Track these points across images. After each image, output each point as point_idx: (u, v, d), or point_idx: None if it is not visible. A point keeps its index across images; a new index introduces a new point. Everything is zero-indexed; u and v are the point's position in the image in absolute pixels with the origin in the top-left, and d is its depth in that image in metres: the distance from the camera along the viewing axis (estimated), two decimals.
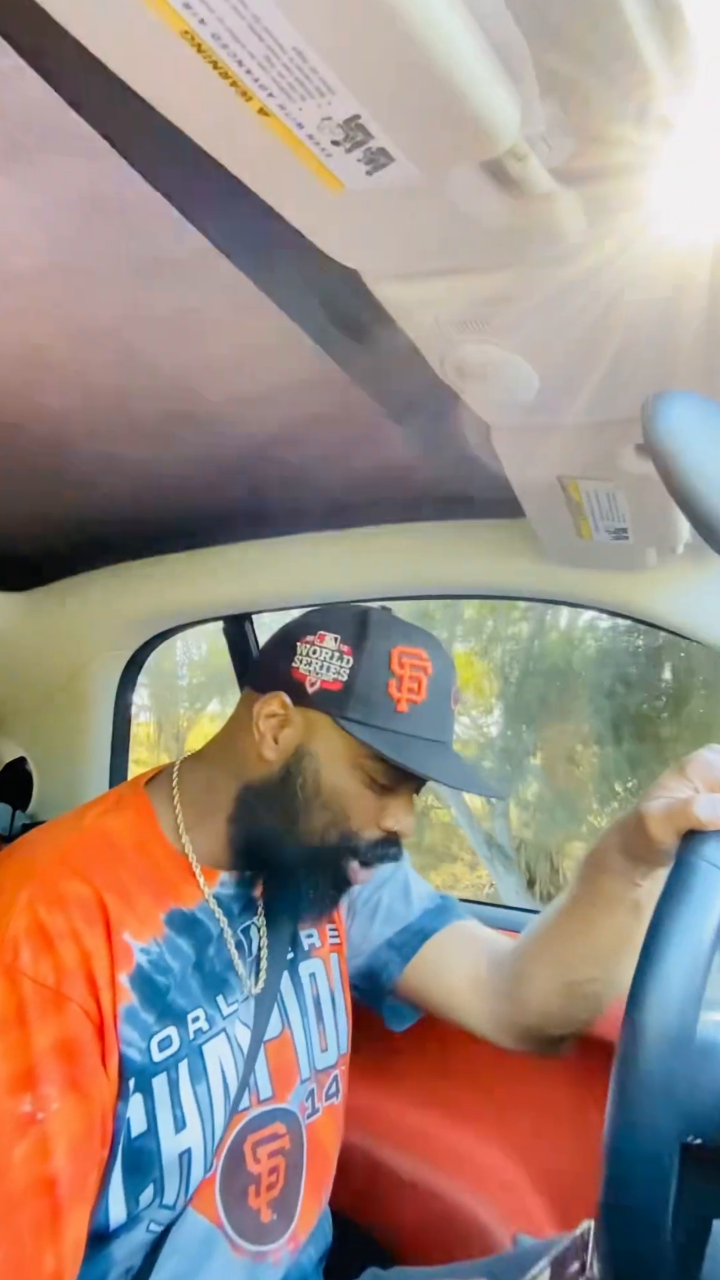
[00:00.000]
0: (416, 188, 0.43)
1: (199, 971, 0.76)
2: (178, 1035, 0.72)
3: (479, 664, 8.14)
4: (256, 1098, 0.78)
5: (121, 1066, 0.68)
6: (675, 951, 0.51)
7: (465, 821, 9.13)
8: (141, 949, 0.72)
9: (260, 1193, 0.77)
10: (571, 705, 7.27)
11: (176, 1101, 0.70)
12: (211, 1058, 0.74)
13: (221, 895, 0.81)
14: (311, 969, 0.87)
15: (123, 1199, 0.67)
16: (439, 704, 0.80)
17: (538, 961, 0.85)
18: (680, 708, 6.50)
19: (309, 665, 0.79)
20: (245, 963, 0.81)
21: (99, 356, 0.76)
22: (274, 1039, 0.81)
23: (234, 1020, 0.77)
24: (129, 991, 0.69)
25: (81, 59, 0.38)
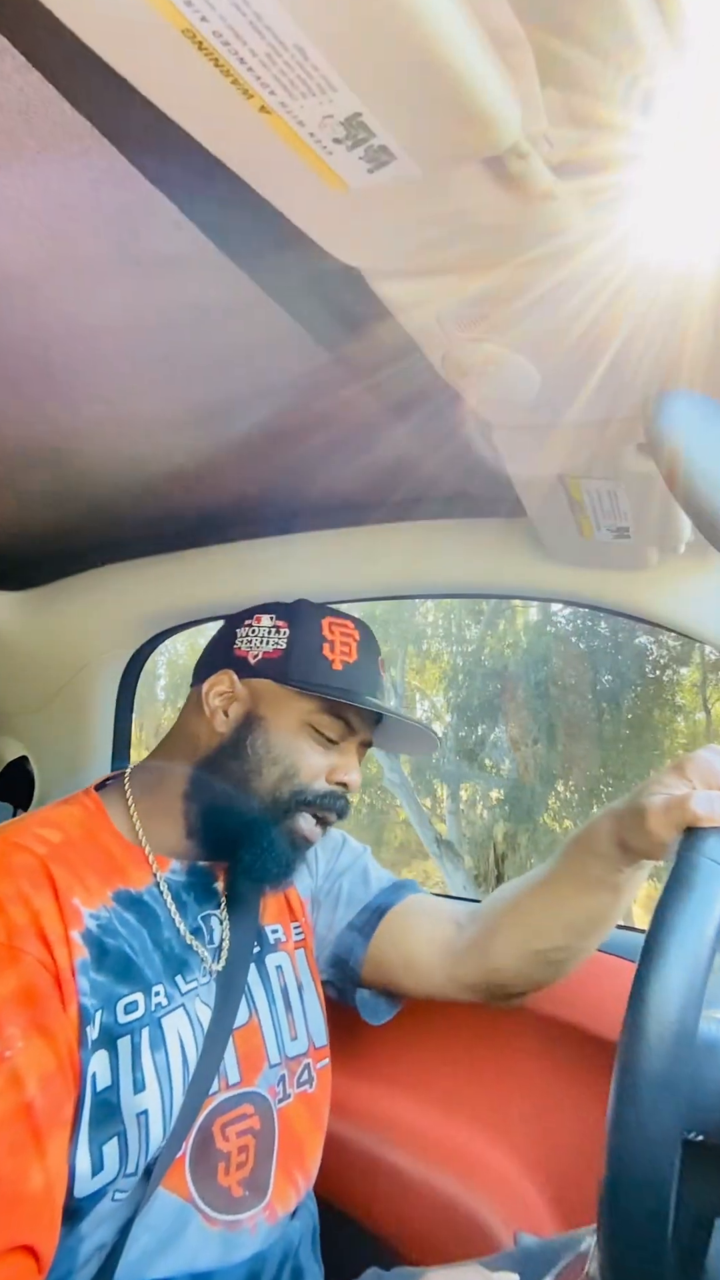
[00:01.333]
0: (418, 185, 0.43)
1: (159, 949, 0.80)
2: (143, 1003, 0.76)
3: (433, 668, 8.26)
4: (225, 1083, 0.81)
5: (81, 1015, 0.71)
6: (677, 948, 0.51)
7: (417, 820, 9.22)
8: (90, 914, 0.76)
9: (230, 1170, 0.79)
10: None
11: (138, 1065, 0.74)
12: (170, 1030, 0.77)
13: (172, 881, 0.84)
14: (278, 961, 0.91)
15: (88, 1149, 0.70)
16: (369, 666, 0.89)
17: (508, 926, 0.89)
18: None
19: (249, 643, 0.89)
20: (205, 948, 0.84)
21: (99, 354, 0.76)
22: (241, 1027, 0.84)
23: (193, 998, 0.81)
24: (82, 946, 0.74)
25: (83, 57, 0.38)
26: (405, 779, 9.58)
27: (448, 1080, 1.16)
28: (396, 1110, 1.17)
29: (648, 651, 8.77)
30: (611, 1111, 0.48)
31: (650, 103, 0.38)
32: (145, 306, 0.68)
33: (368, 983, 0.97)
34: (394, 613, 9.72)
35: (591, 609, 1.17)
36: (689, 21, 0.35)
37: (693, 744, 8.71)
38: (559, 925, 0.85)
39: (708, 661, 8.60)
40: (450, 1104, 1.15)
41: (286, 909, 0.96)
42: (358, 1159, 1.15)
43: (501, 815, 9.22)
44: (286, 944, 0.93)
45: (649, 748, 8.66)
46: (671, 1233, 0.47)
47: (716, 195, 0.44)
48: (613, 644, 8.78)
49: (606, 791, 8.70)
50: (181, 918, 0.83)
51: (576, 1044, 1.04)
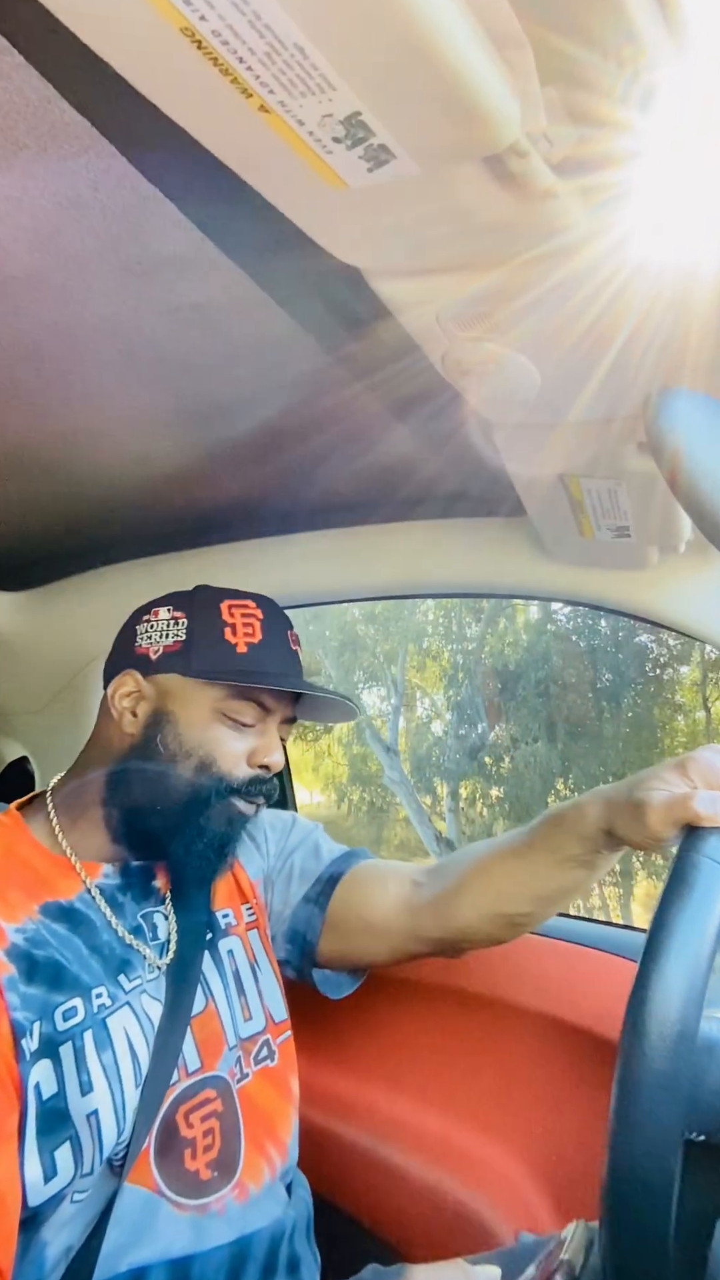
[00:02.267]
0: (417, 184, 0.43)
1: (96, 953, 0.80)
2: (82, 1007, 0.76)
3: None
4: (185, 1070, 0.81)
5: (14, 1030, 0.71)
6: (678, 948, 0.51)
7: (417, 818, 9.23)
8: (15, 929, 0.75)
9: (197, 1155, 0.80)
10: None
11: (83, 1068, 0.74)
12: (116, 1029, 0.77)
13: (104, 885, 0.84)
14: (230, 946, 0.91)
15: (38, 1157, 0.70)
16: (276, 643, 0.86)
17: (476, 888, 0.89)
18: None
19: (149, 639, 0.87)
20: (150, 946, 0.84)
21: (99, 354, 0.76)
22: (199, 1014, 0.84)
23: (139, 994, 0.80)
24: (7, 964, 0.73)
25: (82, 56, 0.38)
26: (405, 777, 9.58)
27: (449, 1080, 1.16)
28: (397, 1109, 1.17)
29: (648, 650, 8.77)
30: (613, 1111, 0.48)
31: (650, 100, 0.38)
32: (145, 306, 0.67)
33: (328, 953, 0.96)
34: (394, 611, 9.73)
35: (592, 608, 1.17)
36: (689, 18, 0.35)
37: (693, 742, 8.72)
38: (527, 894, 0.86)
39: (708, 660, 8.60)
40: (451, 1103, 1.15)
41: (237, 891, 0.96)
42: (358, 1157, 1.15)
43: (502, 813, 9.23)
44: (238, 927, 0.93)
45: (649, 746, 8.66)
46: (674, 1233, 0.47)
47: (717, 193, 0.44)
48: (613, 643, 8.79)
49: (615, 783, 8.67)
50: (118, 919, 0.83)
51: (577, 1043, 1.04)
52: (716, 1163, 0.51)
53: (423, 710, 10.11)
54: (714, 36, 0.36)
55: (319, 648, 9.82)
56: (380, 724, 10.09)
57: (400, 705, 10.01)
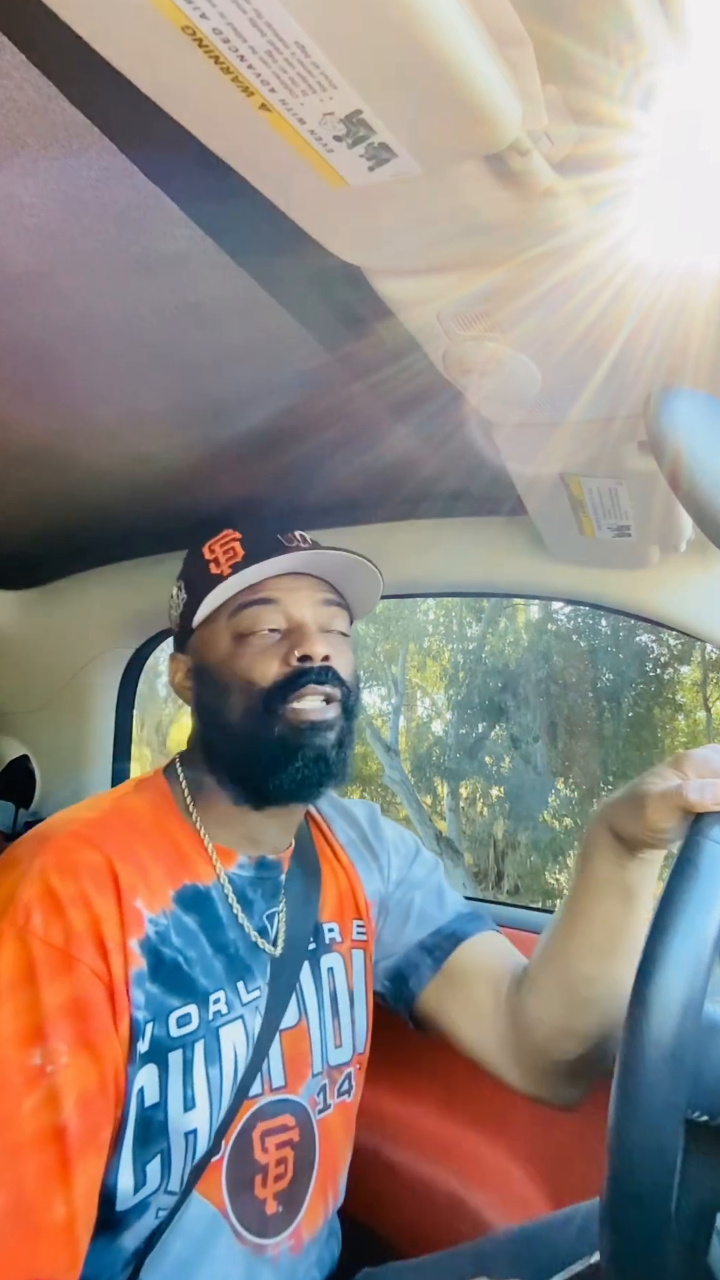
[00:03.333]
0: (418, 183, 0.43)
1: (222, 954, 0.77)
2: (197, 1015, 0.73)
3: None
4: (269, 1085, 0.78)
5: (132, 1029, 0.69)
6: (682, 928, 0.52)
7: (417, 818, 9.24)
8: (151, 919, 0.73)
9: (267, 1183, 0.77)
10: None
11: (189, 1080, 0.71)
12: (227, 1042, 0.75)
13: (236, 878, 0.82)
14: (331, 963, 0.87)
15: (131, 1168, 0.68)
16: (263, 547, 0.84)
17: (541, 965, 0.85)
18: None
19: (172, 618, 0.91)
20: (271, 948, 0.81)
21: (100, 353, 0.76)
22: (290, 1028, 0.81)
23: (252, 1008, 0.78)
24: (139, 956, 0.71)
25: (83, 55, 0.38)
26: (405, 776, 9.58)
27: (448, 1078, 1.16)
28: (397, 1109, 1.17)
29: (648, 650, 8.77)
30: (615, 1089, 0.49)
31: (651, 98, 0.38)
32: (146, 305, 0.67)
33: (420, 1011, 0.91)
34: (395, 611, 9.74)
35: (593, 607, 1.17)
36: (690, 16, 0.35)
37: (693, 742, 8.71)
38: (580, 946, 0.81)
39: (708, 660, 8.60)
40: (451, 1103, 1.15)
41: (351, 904, 0.91)
42: (358, 1157, 1.15)
43: (502, 813, 9.23)
44: (343, 944, 0.89)
45: (649, 745, 8.66)
46: (675, 1213, 0.47)
47: (718, 192, 0.44)
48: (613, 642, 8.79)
49: (607, 789, 8.70)
50: (247, 917, 0.80)
51: None
52: (718, 1144, 0.51)
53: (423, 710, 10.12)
54: (715, 35, 0.36)
55: None
56: (381, 724, 10.09)
57: (401, 705, 10.01)
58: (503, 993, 0.88)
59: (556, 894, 8.93)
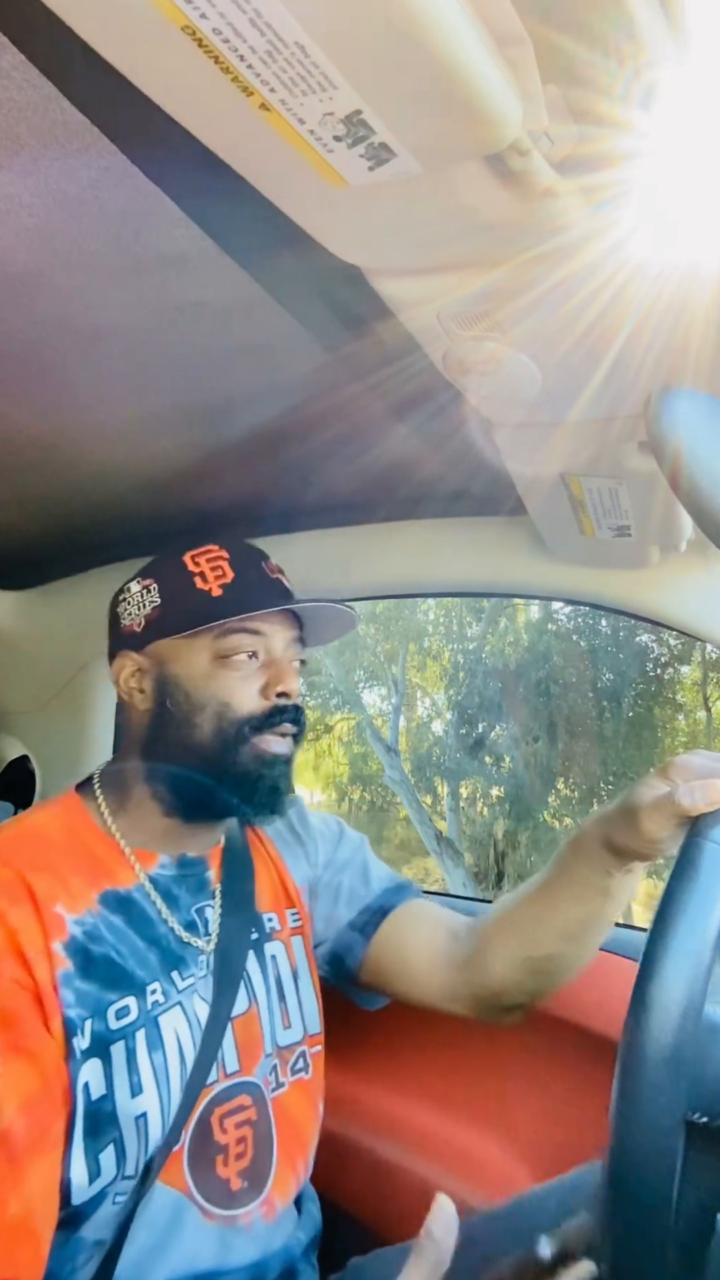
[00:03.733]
0: (418, 183, 0.43)
1: (154, 946, 0.79)
2: (136, 1006, 0.76)
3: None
4: (223, 1072, 0.80)
5: (66, 1028, 0.71)
6: (683, 928, 0.52)
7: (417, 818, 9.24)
8: (75, 920, 0.75)
9: (229, 1162, 0.79)
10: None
11: (133, 1068, 0.73)
12: (168, 1029, 0.77)
13: (160, 877, 0.84)
14: (273, 950, 0.90)
15: (83, 1159, 0.70)
16: (251, 575, 0.86)
17: (504, 935, 0.88)
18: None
19: (129, 615, 0.87)
20: (201, 941, 0.83)
21: (100, 353, 0.76)
22: (240, 1015, 0.83)
23: (191, 994, 0.80)
24: (64, 958, 0.73)
25: (83, 55, 0.38)
26: (405, 776, 9.58)
27: (448, 1078, 1.16)
28: (397, 1108, 1.17)
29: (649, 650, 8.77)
30: (616, 1090, 0.49)
31: (652, 98, 0.38)
32: (145, 305, 0.67)
33: (364, 981, 0.96)
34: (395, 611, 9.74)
35: (593, 607, 1.17)
36: (691, 16, 0.35)
37: (693, 742, 8.72)
38: (551, 932, 0.84)
39: (709, 660, 8.60)
40: (451, 1102, 1.15)
41: (283, 895, 0.95)
42: (357, 1156, 1.15)
43: (502, 813, 9.24)
44: (282, 932, 0.92)
45: (649, 746, 8.66)
46: (674, 1214, 0.47)
47: (719, 191, 0.44)
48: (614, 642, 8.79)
49: (607, 789, 8.70)
50: (172, 913, 0.82)
51: (578, 1043, 1.04)
52: (718, 1145, 0.51)
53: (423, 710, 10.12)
54: (716, 35, 0.36)
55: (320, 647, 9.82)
56: (381, 723, 10.09)
57: (401, 705, 10.01)
58: (439, 949, 0.92)
59: None
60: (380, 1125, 1.15)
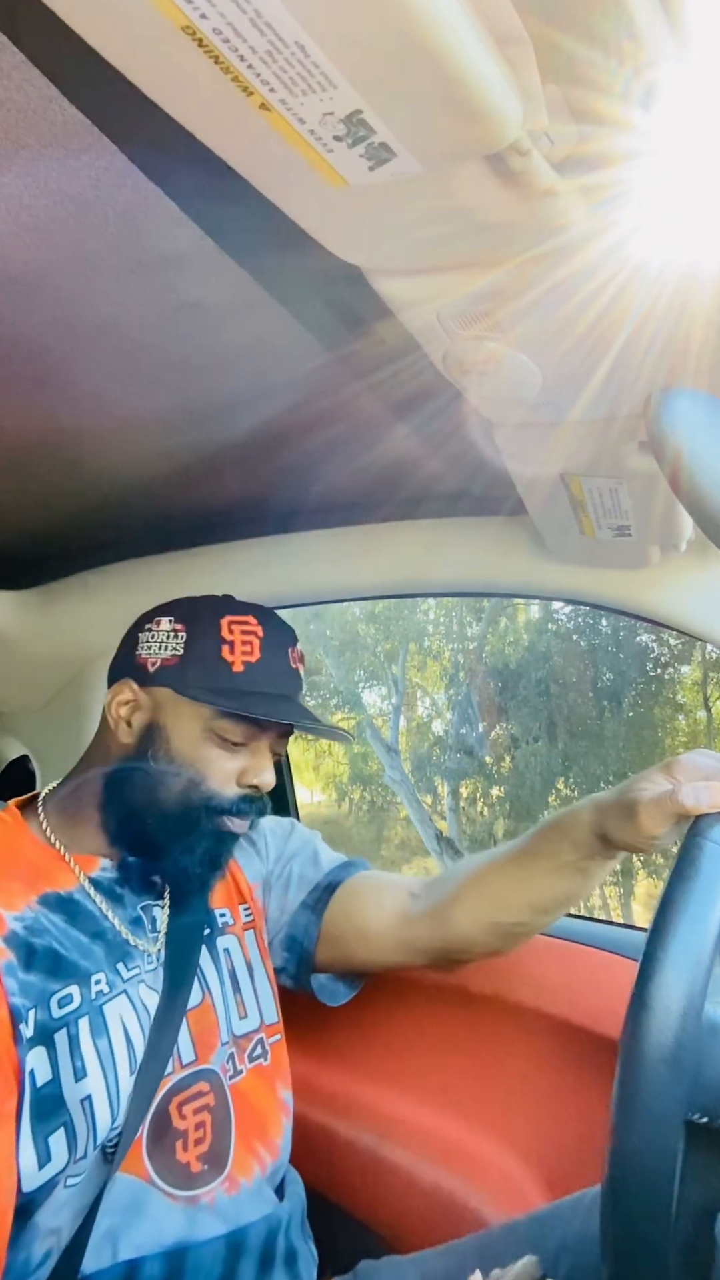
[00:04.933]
0: (418, 183, 0.43)
1: (99, 940, 0.81)
2: (79, 994, 0.77)
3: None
4: (179, 1063, 0.82)
5: (12, 1014, 0.72)
6: (683, 929, 0.52)
7: (417, 817, 9.25)
8: (14, 916, 0.77)
9: (189, 1147, 0.80)
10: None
11: (77, 1054, 0.75)
12: (113, 1016, 0.78)
13: (101, 879, 0.85)
14: (226, 944, 0.92)
15: (32, 1144, 0.71)
16: (275, 662, 0.86)
17: (472, 897, 0.91)
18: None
19: (148, 649, 0.87)
20: (145, 938, 0.85)
21: (100, 353, 0.76)
22: (195, 1008, 0.85)
23: (136, 984, 0.81)
24: (5, 950, 0.74)
25: (84, 55, 0.38)
26: (406, 776, 9.58)
27: (448, 1078, 1.16)
28: (396, 1107, 1.17)
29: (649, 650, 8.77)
30: (616, 1089, 0.49)
31: (652, 98, 0.38)
32: (145, 305, 0.67)
33: (324, 960, 0.98)
34: (395, 611, 9.74)
35: (593, 607, 1.17)
36: (691, 16, 0.35)
37: (693, 742, 8.71)
38: (523, 902, 0.87)
39: (709, 660, 8.60)
40: (450, 1101, 1.15)
41: (235, 891, 0.97)
42: (357, 1155, 1.15)
43: (502, 813, 9.23)
44: (235, 927, 0.94)
45: (650, 745, 8.66)
46: (674, 1214, 0.47)
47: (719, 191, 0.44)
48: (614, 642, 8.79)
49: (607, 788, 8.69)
50: (115, 912, 0.84)
51: (577, 1041, 1.04)
52: (718, 1145, 0.51)
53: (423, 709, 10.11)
54: (716, 35, 0.36)
55: (320, 647, 9.82)
56: (381, 723, 10.09)
57: (401, 704, 10.01)
58: (396, 907, 0.95)
59: None
60: (381, 1125, 1.15)
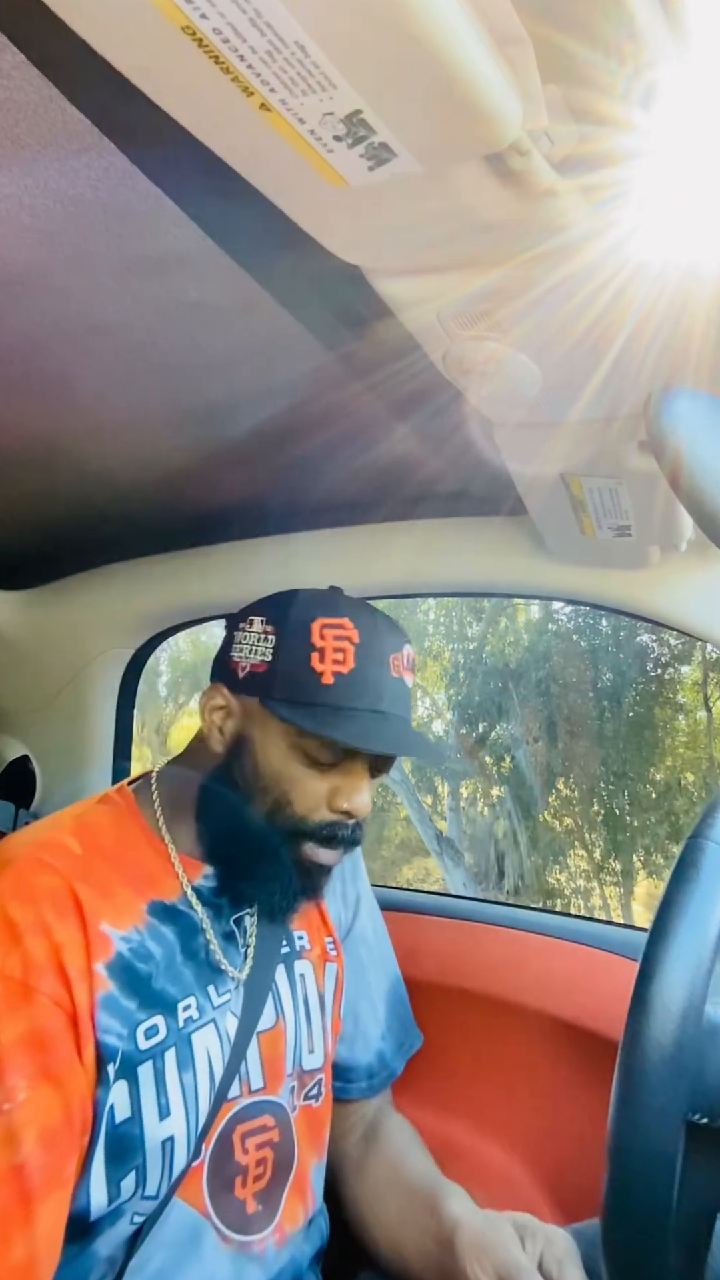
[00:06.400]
0: (418, 183, 0.43)
1: (191, 960, 0.76)
2: (164, 1024, 0.72)
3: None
4: (247, 1087, 0.78)
5: (100, 1053, 0.67)
6: (683, 929, 0.52)
7: (417, 817, 9.25)
8: (121, 937, 0.72)
9: (247, 1184, 0.77)
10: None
11: (162, 1090, 0.70)
12: (199, 1047, 0.74)
13: (203, 888, 0.80)
14: (303, 969, 0.87)
15: (104, 1185, 0.67)
16: (371, 671, 0.77)
17: (374, 1201, 0.89)
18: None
19: (240, 651, 0.80)
20: (237, 953, 0.81)
21: (99, 353, 0.76)
22: (268, 1030, 0.81)
23: (224, 1011, 0.77)
24: (107, 980, 0.69)
25: (83, 55, 0.38)
26: (406, 776, 9.58)
27: (449, 1079, 1.16)
28: (397, 1108, 1.17)
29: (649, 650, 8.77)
30: (616, 1090, 0.49)
31: (652, 98, 0.38)
32: (146, 305, 0.67)
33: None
34: (395, 610, 9.75)
35: (593, 607, 1.17)
36: (691, 15, 0.35)
37: (693, 742, 8.72)
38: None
39: (709, 659, 8.60)
40: (451, 1102, 1.15)
41: (319, 920, 0.92)
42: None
43: (502, 813, 9.24)
44: (312, 952, 0.89)
45: (650, 746, 8.66)
46: (674, 1215, 0.47)
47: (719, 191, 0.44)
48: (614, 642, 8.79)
49: (606, 789, 8.70)
50: (213, 924, 0.79)
51: (578, 1042, 1.04)
52: (718, 1145, 0.51)
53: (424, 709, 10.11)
54: (716, 34, 0.35)
55: None
56: None
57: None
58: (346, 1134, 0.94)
59: (557, 894, 8.92)
60: None
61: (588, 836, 8.83)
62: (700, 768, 8.52)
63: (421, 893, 1.43)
